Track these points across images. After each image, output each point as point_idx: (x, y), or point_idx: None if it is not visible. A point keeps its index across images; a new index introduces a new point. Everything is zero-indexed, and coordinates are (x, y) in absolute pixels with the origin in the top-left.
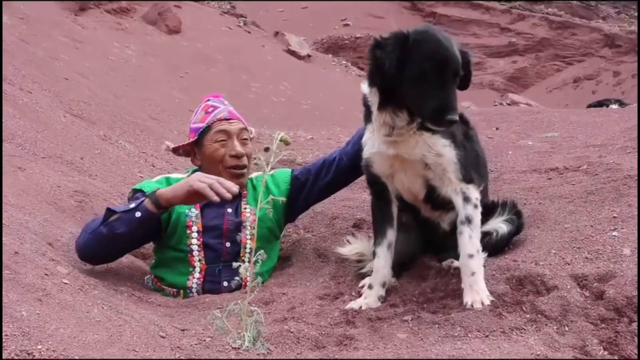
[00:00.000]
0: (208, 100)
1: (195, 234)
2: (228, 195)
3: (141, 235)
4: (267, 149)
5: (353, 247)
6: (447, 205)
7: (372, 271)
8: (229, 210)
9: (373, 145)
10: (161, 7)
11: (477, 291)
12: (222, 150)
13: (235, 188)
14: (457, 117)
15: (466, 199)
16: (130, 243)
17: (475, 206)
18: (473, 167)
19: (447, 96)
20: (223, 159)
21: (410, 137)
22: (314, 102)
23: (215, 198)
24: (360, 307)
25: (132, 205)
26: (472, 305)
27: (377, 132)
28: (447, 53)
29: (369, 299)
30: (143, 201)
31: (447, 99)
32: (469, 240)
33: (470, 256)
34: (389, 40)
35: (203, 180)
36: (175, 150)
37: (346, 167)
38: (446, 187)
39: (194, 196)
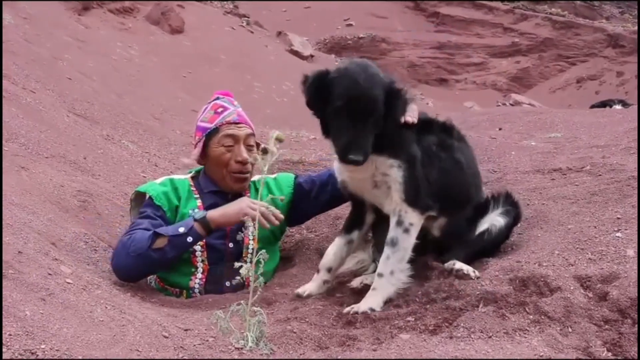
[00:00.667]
0: (218, 98)
1: None
2: (277, 223)
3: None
4: (265, 151)
5: (354, 259)
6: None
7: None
8: None
9: (340, 169)
10: (164, 7)
11: (369, 302)
12: (228, 155)
13: (281, 215)
14: (359, 158)
15: (399, 223)
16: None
17: (406, 230)
18: (430, 189)
19: (352, 136)
20: (228, 163)
21: None
22: None
23: (267, 225)
24: (305, 292)
25: (181, 229)
26: (356, 311)
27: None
28: (357, 93)
29: (313, 283)
30: (192, 226)
31: (351, 139)
32: (386, 260)
33: (380, 275)
34: (310, 76)
35: (254, 208)
36: (197, 162)
37: None
38: (388, 205)
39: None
